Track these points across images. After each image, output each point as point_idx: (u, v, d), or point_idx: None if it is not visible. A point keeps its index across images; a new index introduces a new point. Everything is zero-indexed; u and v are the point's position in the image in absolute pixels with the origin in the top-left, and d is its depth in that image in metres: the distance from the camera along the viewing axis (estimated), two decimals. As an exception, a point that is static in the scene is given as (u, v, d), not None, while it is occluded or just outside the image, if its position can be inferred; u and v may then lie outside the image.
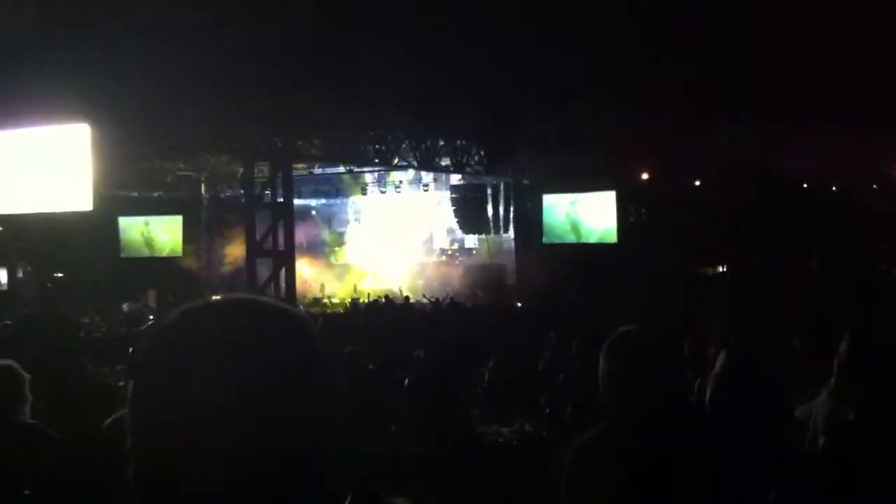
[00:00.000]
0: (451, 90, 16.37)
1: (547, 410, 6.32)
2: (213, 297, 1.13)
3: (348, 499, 1.07)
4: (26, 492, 3.94)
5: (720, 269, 22.42)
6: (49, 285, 24.61)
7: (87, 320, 16.01)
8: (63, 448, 4.17)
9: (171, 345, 1.03)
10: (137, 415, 1.02)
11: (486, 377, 7.04)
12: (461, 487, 4.24)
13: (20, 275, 26.76)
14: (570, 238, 22.72)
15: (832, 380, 3.43)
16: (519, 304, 19.16)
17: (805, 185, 22.15)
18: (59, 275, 25.41)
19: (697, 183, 22.64)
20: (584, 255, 21.33)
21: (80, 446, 4.44)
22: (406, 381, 6.22)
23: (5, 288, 26.40)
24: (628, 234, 21.71)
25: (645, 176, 22.50)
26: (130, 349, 9.29)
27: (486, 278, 23.63)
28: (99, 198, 14.72)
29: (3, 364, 4.00)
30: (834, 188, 22.38)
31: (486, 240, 25.57)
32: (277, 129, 17.65)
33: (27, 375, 3.99)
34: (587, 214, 22.46)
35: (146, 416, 1.01)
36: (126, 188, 22.09)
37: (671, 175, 21.85)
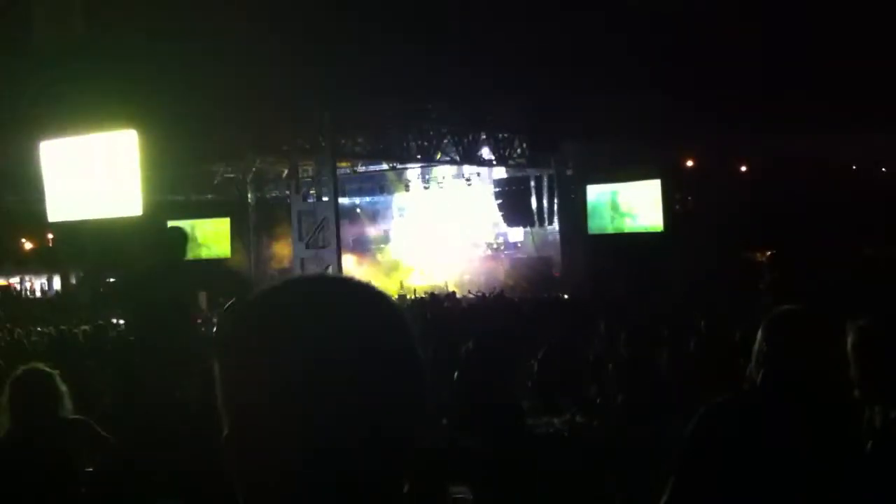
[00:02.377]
0: (493, 84, 16.37)
1: (598, 401, 6.30)
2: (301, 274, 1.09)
3: (406, 487, 1.05)
4: (82, 489, 4.04)
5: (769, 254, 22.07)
6: (102, 291, 25.05)
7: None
8: (112, 444, 4.27)
9: (264, 319, 1.00)
10: (229, 392, 1.00)
11: (536, 369, 7.03)
12: (514, 478, 4.25)
13: (73, 280, 27.30)
14: (616, 228, 22.59)
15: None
16: (566, 296, 19.07)
17: (854, 167, 21.69)
18: (112, 280, 25.85)
19: (744, 168, 22.35)
20: (631, 244, 21.19)
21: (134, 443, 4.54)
22: (455, 375, 6.24)
23: (59, 295, 26.97)
24: (674, 222, 21.50)
25: (690, 163, 22.28)
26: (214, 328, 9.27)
27: (533, 271, 23.57)
28: (148, 202, 14.96)
29: (30, 368, 4.10)
30: (884, 169, 21.90)
31: (532, 232, 25.49)
32: (321, 129, 17.78)
33: (55, 372, 4.07)
34: (632, 203, 22.30)
35: (238, 393, 0.98)
36: (174, 192, 22.40)
37: (716, 161, 21.58)
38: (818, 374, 2.57)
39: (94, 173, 15.05)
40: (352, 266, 23.68)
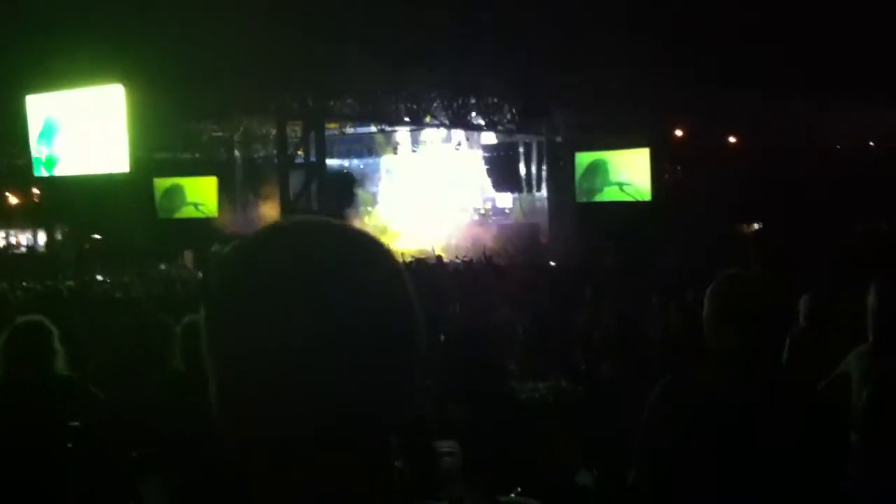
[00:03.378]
0: (483, 49, 16.26)
1: (583, 367, 6.35)
2: (294, 217, 1.00)
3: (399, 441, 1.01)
4: (69, 444, 4.06)
5: (756, 228, 22.16)
6: (87, 247, 24.96)
7: (126, 280, 16.25)
8: (101, 401, 4.29)
9: (252, 266, 0.94)
10: (214, 346, 0.94)
11: (522, 334, 7.08)
12: (497, 441, 4.29)
13: (59, 237, 27.17)
14: (604, 196, 22.61)
15: (869, 336, 3.45)
16: (553, 263, 19.11)
17: (844, 140, 21.67)
18: (97, 237, 25.75)
19: (732, 139, 22.35)
20: (618, 213, 21.22)
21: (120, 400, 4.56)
22: (442, 338, 6.28)
23: (44, 250, 26.84)
24: (663, 191, 21.54)
25: (679, 133, 22.27)
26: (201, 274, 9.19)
27: (520, 237, 23.59)
28: (134, 159, 14.88)
29: (32, 319, 4.13)
30: (871, 143, 21.90)
31: (520, 199, 25.49)
32: (310, 89, 17.66)
33: (54, 329, 4.08)
34: (621, 172, 22.31)
35: (224, 347, 0.93)
36: (161, 150, 22.25)
37: (707, 132, 21.57)
38: (752, 342, 2.54)
39: (80, 129, 14.95)
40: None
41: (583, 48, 16.05)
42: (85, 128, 14.88)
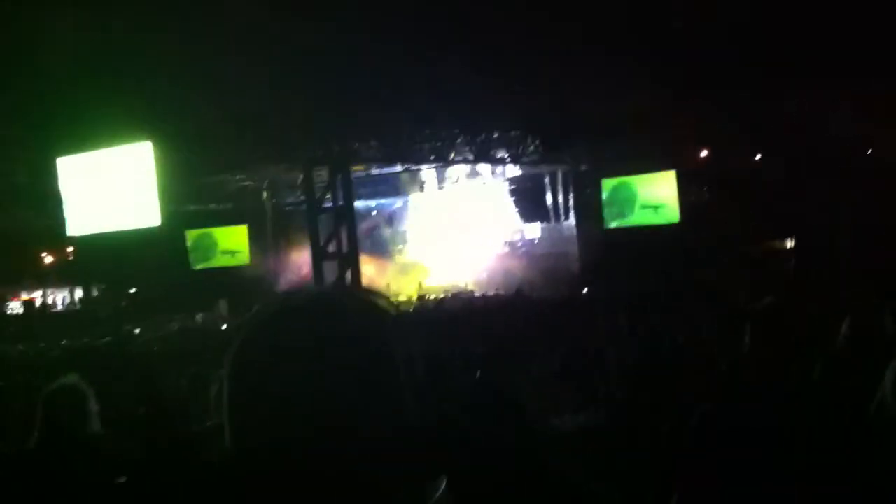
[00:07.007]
0: (501, 84, 16.38)
1: (615, 398, 6.32)
2: (308, 290, 1.26)
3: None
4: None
5: (787, 246, 21.89)
6: (124, 304, 25.25)
7: (162, 334, 16.44)
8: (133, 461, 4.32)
9: (264, 341, 1.12)
10: (232, 409, 1.11)
11: (552, 366, 7.07)
12: (526, 480, 4.28)
13: (94, 293, 27.52)
14: (633, 219, 22.58)
15: None
16: (585, 291, 19.08)
17: (870, 151, 21.27)
18: (133, 291, 26.06)
19: (759, 157, 22.18)
20: (647, 237, 21.15)
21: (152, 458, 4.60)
22: (476, 376, 6.29)
23: (81, 308, 27.19)
24: (690, 213, 21.43)
25: (704, 153, 22.19)
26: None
27: (550, 267, 23.59)
28: (166, 212, 15.12)
29: (65, 382, 4.10)
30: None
31: (548, 228, 25.54)
32: (333, 135, 17.87)
33: (90, 390, 4.08)
34: (647, 196, 22.29)
35: (240, 409, 1.10)
36: (191, 201, 22.57)
37: (731, 150, 21.43)
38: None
39: (112, 186, 15.25)
40: (370, 269, 23.73)
41: (601, 76, 16.09)
42: (115, 185, 15.18)
